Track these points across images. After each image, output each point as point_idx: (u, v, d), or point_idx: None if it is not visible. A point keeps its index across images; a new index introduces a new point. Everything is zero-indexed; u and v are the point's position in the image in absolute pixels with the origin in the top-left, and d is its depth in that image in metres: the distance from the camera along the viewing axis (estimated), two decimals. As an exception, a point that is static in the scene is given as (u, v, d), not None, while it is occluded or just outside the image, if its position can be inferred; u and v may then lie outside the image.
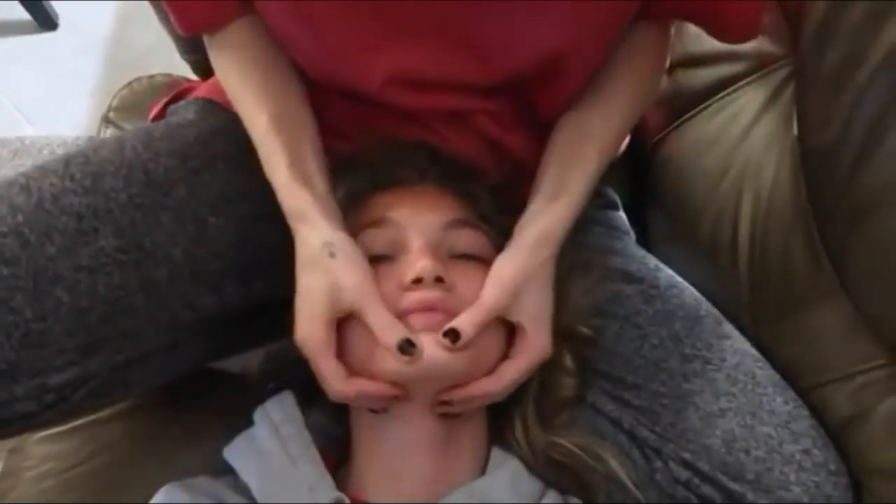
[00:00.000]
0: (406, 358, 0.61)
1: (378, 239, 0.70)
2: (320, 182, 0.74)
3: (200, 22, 0.80)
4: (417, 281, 0.64)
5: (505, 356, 0.68)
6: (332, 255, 0.66)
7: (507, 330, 0.68)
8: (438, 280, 0.65)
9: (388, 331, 0.62)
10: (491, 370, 0.66)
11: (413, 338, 0.61)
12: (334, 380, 0.65)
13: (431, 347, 0.62)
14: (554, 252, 0.71)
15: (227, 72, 0.82)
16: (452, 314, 0.64)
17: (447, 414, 0.67)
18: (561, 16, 0.70)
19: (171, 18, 0.80)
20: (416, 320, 0.64)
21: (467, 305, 0.65)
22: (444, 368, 0.63)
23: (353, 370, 0.65)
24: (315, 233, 0.69)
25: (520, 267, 0.68)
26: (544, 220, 0.72)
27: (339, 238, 0.68)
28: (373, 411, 0.68)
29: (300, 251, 0.70)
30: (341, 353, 0.66)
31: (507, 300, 0.66)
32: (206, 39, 0.83)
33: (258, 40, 0.79)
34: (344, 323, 0.66)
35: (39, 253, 0.68)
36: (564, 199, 0.74)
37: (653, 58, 0.84)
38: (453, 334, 0.62)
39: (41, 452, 0.91)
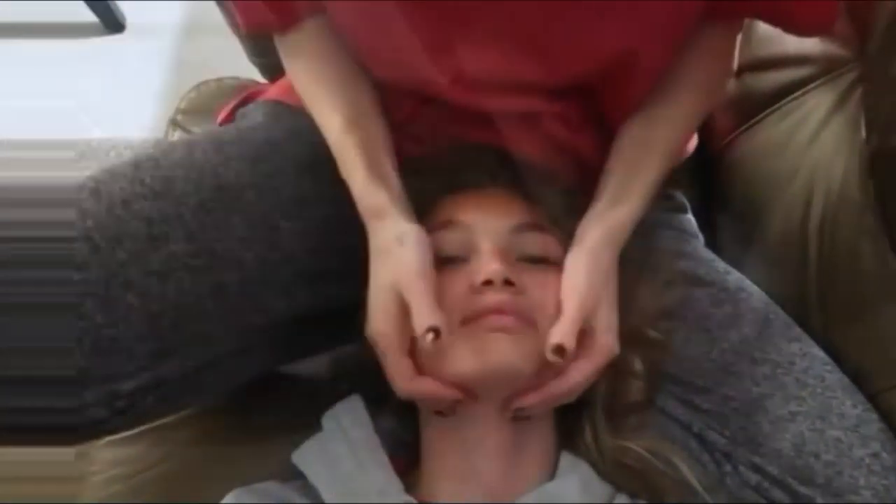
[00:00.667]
0: (430, 345, 0.61)
1: (447, 241, 0.70)
2: (395, 181, 0.74)
3: (265, 21, 0.80)
4: (487, 283, 0.65)
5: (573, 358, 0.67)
6: (402, 243, 0.67)
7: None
8: (508, 283, 0.65)
9: (421, 317, 0.62)
10: (559, 372, 0.66)
11: (441, 325, 0.61)
12: (401, 377, 0.65)
13: (502, 349, 0.63)
14: (617, 253, 0.72)
15: (299, 73, 0.82)
16: (523, 316, 0.65)
17: (518, 417, 0.67)
18: (627, 17, 0.69)
19: (237, 17, 0.81)
20: (488, 322, 0.64)
21: (538, 308, 0.66)
22: (514, 370, 0.64)
23: (422, 370, 0.66)
24: (391, 225, 0.69)
25: (591, 270, 0.68)
26: (608, 221, 0.72)
27: (413, 229, 0.69)
28: (440, 413, 0.68)
29: (374, 244, 0.70)
30: (413, 351, 0.66)
31: (591, 304, 0.66)
32: (276, 40, 0.83)
33: (329, 41, 0.80)
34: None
35: (110, 258, 0.67)
36: (628, 201, 0.74)
37: (720, 60, 0.83)
38: (560, 351, 0.62)
39: (108, 457, 0.89)
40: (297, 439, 0.72)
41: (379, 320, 0.66)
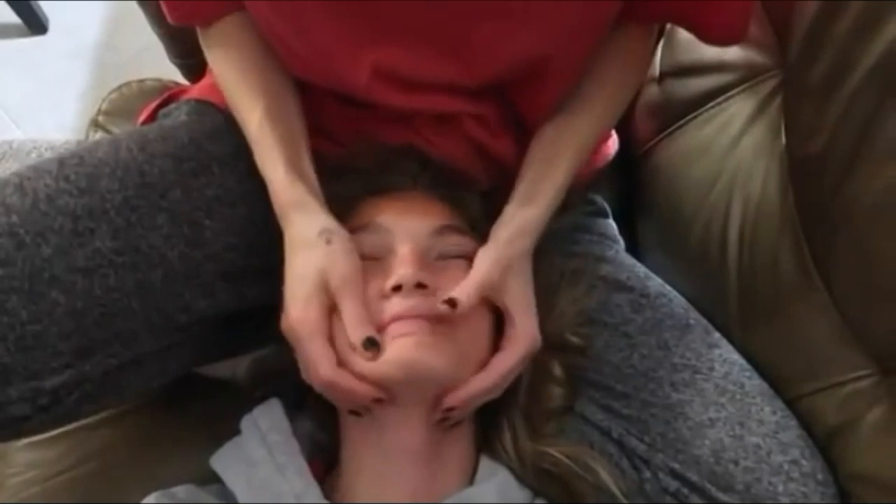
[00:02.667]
0: (368, 355, 0.62)
1: (366, 243, 0.70)
2: (313, 177, 0.75)
3: (190, 13, 0.81)
4: (398, 288, 0.64)
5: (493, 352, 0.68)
6: (328, 241, 0.67)
7: (492, 330, 0.69)
8: (420, 286, 0.65)
9: (357, 327, 0.63)
10: (478, 370, 0.66)
11: (377, 338, 0.62)
12: (324, 363, 0.63)
13: (412, 349, 0.62)
14: (531, 244, 0.72)
15: (220, 67, 0.82)
16: (434, 318, 0.64)
17: (445, 420, 0.67)
18: (541, 21, 0.70)
19: (163, 9, 0.80)
20: (397, 328, 0.63)
21: None
22: (427, 371, 0.63)
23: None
24: (312, 219, 0.69)
25: (501, 254, 0.69)
26: (517, 220, 0.73)
27: (337, 227, 0.69)
28: (355, 413, 0.67)
29: (293, 237, 0.70)
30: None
31: (496, 275, 0.67)
32: (200, 35, 0.83)
33: (251, 36, 0.80)
34: (335, 326, 0.65)
35: (35, 254, 0.67)
36: (538, 200, 0.75)
37: (633, 62, 0.84)
38: (451, 302, 0.63)
39: (25, 459, 0.89)
40: (216, 443, 0.72)
41: (299, 307, 0.65)
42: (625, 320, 0.82)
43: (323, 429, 0.75)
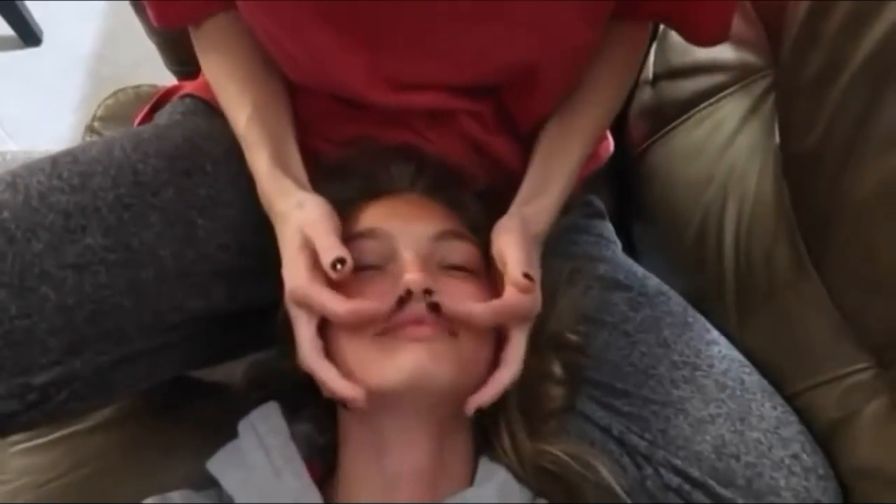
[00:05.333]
0: (335, 274, 0.61)
1: (368, 249, 0.68)
2: (302, 174, 0.75)
3: (176, 16, 0.81)
4: (408, 295, 0.63)
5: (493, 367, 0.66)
6: (300, 205, 0.68)
7: (494, 343, 0.67)
8: (427, 293, 0.63)
9: (326, 250, 0.62)
10: (479, 384, 0.65)
11: (347, 257, 0.62)
12: (307, 347, 0.63)
13: (420, 360, 0.61)
14: (539, 240, 0.72)
15: (210, 67, 0.82)
16: (442, 326, 0.63)
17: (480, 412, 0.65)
18: (531, 26, 0.70)
19: (148, 12, 0.80)
20: (405, 333, 0.62)
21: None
22: (433, 381, 0.61)
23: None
24: (291, 195, 0.70)
25: (523, 232, 0.69)
26: (526, 212, 0.73)
27: (310, 196, 0.70)
28: (343, 406, 0.65)
29: (276, 212, 0.70)
30: (332, 357, 0.64)
31: (529, 257, 0.66)
32: (192, 36, 0.83)
33: (241, 37, 0.80)
34: (331, 335, 0.64)
35: (25, 249, 0.67)
36: (545, 194, 0.75)
37: (630, 54, 0.85)
38: (528, 277, 0.63)
39: (18, 465, 0.88)
40: (213, 446, 0.71)
41: (288, 271, 0.66)
42: (624, 318, 0.81)
43: (321, 431, 0.74)
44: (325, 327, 0.64)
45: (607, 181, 1.06)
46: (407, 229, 0.69)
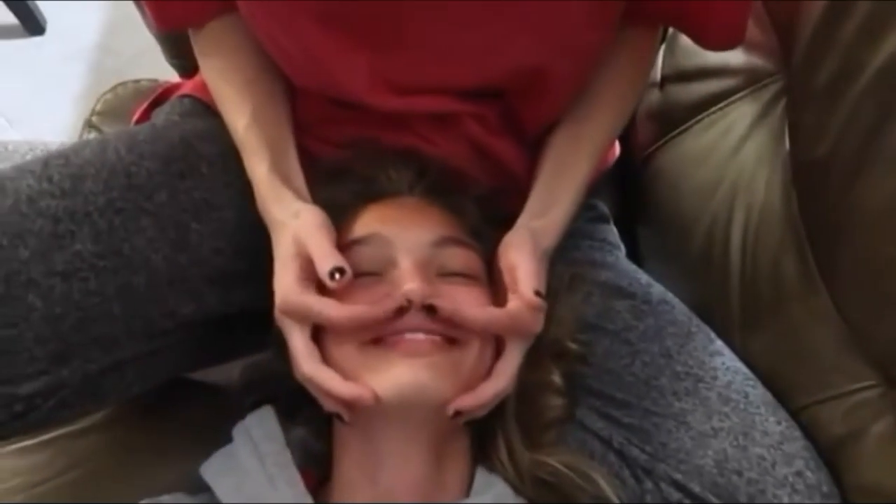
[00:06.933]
0: (333, 283, 0.61)
1: (366, 256, 0.67)
2: (300, 179, 0.75)
3: (175, 19, 0.81)
4: (407, 305, 0.62)
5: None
6: (297, 215, 0.67)
7: (493, 357, 0.66)
8: (429, 308, 0.62)
9: (323, 260, 0.62)
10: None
11: (345, 266, 0.61)
12: (304, 356, 0.62)
13: (415, 374, 0.60)
14: (548, 247, 0.72)
15: (209, 69, 0.82)
16: (440, 335, 0.62)
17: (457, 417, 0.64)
18: (534, 27, 0.70)
19: (148, 15, 0.81)
20: (403, 346, 0.62)
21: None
22: (428, 394, 0.61)
23: None
24: (287, 205, 0.70)
25: (533, 247, 0.68)
26: (535, 225, 0.72)
27: (307, 206, 0.69)
28: (339, 419, 0.64)
29: (271, 225, 0.70)
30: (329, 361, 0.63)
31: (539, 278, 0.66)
32: (192, 38, 0.83)
33: (241, 40, 0.79)
34: (322, 345, 0.64)
35: (12, 256, 0.66)
36: (556, 205, 0.75)
37: (640, 60, 0.85)
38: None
39: (9, 466, 0.88)
40: (206, 450, 0.71)
41: (279, 278, 0.65)
42: (626, 327, 0.80)
43: (317, 436, 0.73)
44: (315, 337, 0.63)
45: (612, 185, 1.05)
46: (406, 235, 0.68)
